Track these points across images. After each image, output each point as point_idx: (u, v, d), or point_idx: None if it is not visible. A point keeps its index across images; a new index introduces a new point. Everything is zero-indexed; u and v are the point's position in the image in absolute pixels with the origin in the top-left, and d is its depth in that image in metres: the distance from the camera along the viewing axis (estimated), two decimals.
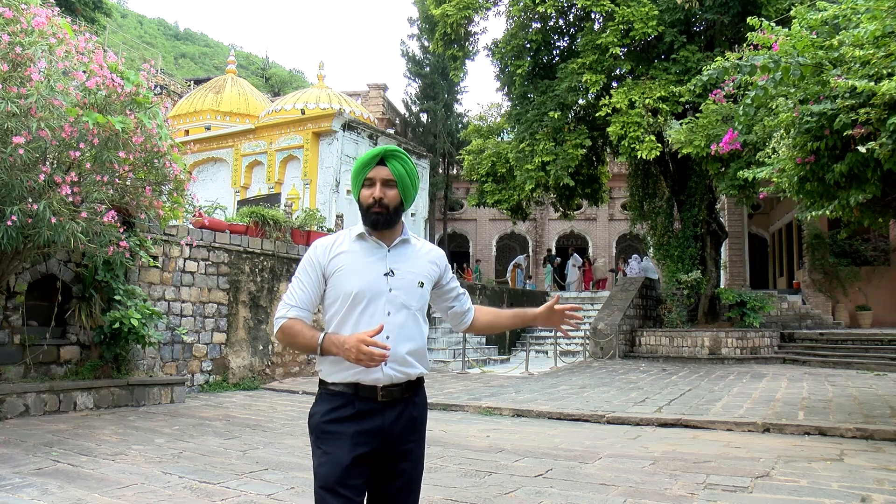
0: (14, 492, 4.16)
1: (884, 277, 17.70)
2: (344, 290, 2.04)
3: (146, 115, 6.78)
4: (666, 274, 16.95)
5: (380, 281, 2.04)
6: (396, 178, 2.09)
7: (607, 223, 30.19)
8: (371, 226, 2.08)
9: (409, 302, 2.07)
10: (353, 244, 2.11)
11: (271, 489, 4.31)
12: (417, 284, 2.10)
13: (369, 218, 2.08)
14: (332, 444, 1.97)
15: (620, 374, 12.17)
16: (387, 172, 2.08)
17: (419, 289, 2.10)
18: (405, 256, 2.13)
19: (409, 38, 33.23)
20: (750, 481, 4.54)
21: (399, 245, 2.13)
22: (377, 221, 2.07)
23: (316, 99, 20.54)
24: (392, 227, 2.11)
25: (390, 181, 2.08)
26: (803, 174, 6.39)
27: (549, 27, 16.87)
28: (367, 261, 2.07)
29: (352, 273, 2.05)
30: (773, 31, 6.22)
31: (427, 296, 2.16)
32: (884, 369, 12.23)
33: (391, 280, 2.06)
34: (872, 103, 5.44)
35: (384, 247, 2.10)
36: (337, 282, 2.06)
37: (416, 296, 2.10)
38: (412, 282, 2.09)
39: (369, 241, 2.10)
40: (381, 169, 2.08)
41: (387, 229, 2.10)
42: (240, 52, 58.35)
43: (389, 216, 2.08)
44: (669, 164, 16.48)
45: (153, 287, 9.32)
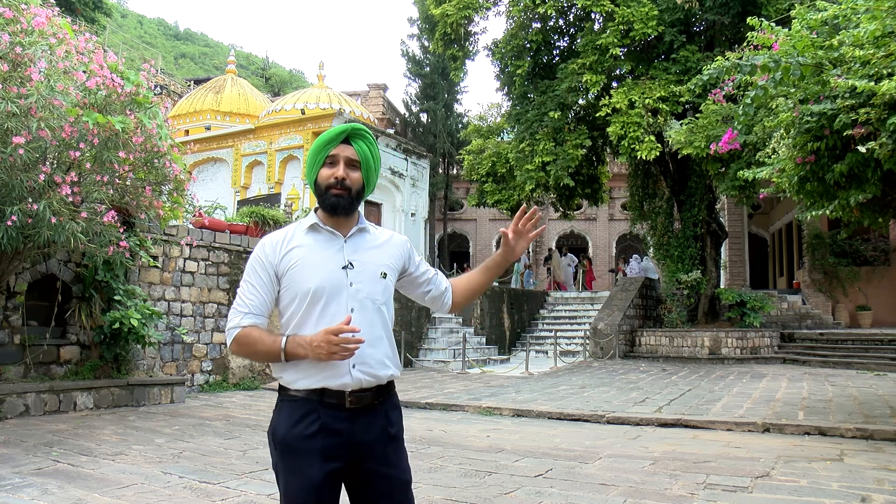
0: (14, 492, 4.16)
1: (884, 277, 17.70)
2: (300, 288, 1.85)
3: (146, 115, 6.78)
4: (666, 274, 16.95)
5: (338, 275, 1.85)
6: (361, 160, 1.91)
7: (607, 223, 30.20)
8: (330, 209, 1.90)
9: (373, 295, 1.88)
10: (305, 237, 1.91)
11: (271, 489, 4.30)
12: (380, 275, 1.91)
13: (328, 200, 1.89)
14: (300, 461, 1.78)
15: (620, 374, 12.17)
16: (352, 152, 1.91)
17: (382, 280, 1.91)
18: (364, 246, 1.94)
19: (409, 38, 33.26)
20: (750, 481, 4.54)
21: (356, 234, 1.94)
22: (337, 205, 1.89)
23: (316, 99, 20.54)
24: (351, 213, 1.92)
25: (354, 161, 1.91)
26: (803, 174, 6.39)
27: (549, 27, 16.87)
28: (322, 254, 1.88)
29: (307, 269, 1.85)
30: (773, 31, 6.22)
31: (391, 287, 1.97)
32: (884, 369, 12.23)
33: (351, 273, 1.87)
34: (872, 103, 5.44)
35: (340, 237, 1.91)
36: (291, 280, 1.86)
37: (380, 288, 1.90)
38: (373, 273, 1.90)
39: (323, 231, 1.91)
40: (346, 147, 1.91)
41: (345, 216, 1.92)
42: (240, 52, 58.35)
43: (351, 200, 1.90)
44: (669, 164, 16.48)
45: (153, 287, 9.32)
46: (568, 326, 18.92)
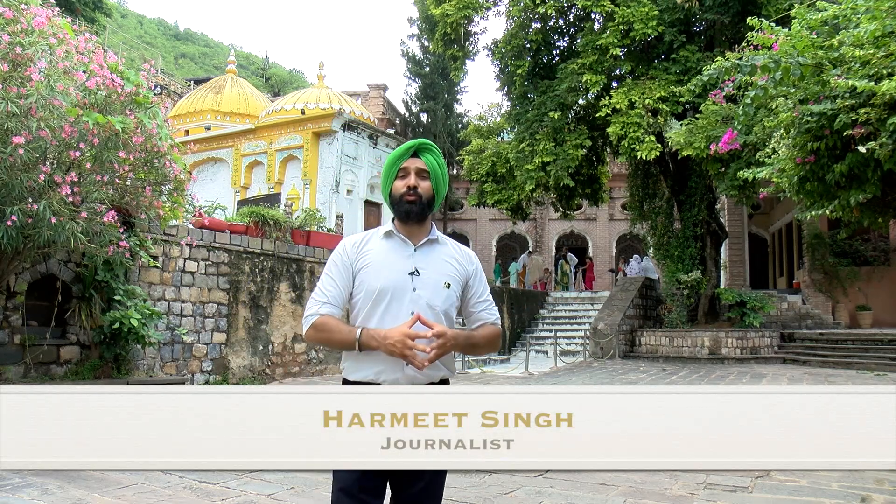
0: (14, 492, 4.16)
1: (884, 277, 17.69)
2: (368, 286, 2.02)
3: (146, 115, 6.78)
4: (666, 274, 16.96)
5: (404, 279, 2.02)
6: (430, 171, 2.08)
7: (607, 223, 30.19)
8: (403, 215, 2.06)
9: (433, 302, 2.02)
10: (380, 242, 2.09)
11: (271, 489, 4.31)
12: (444, 285, 2.05)
13: (402, 207, 2.05)
14: None
15: (620, 374, 12.17)
16: (421, 163, 2.08)
17: (445, 290, 2.05)
18: (432, 256, 2.09)
19: (409, 38, 33.23)
20: (750, 481, 4.54)
21: (426, 245, 2.09)
22: (410, 211, 2.05)
23: (316, 99, 20.55)
24: (423, 220, 2.08)
25: (424, 172, 2.08)
26: (803, 174, 6.39)
27: (549, 27, 16.88)
28: (392, 258, 2.05)
29: (377, 269, 2.03)
30: (773, 31, 6.23)
31: (454, 297, 2.09)
32: (884, 369, 12.23)
33: (416, 279, 2.02)
34: (872, 103, 5.44)
35: (411, 245, 2.07)
36: (363, 278, 2.04)
37: (442, 297, 2.04)
38: (437, 282, 2.05)
39: (396, 238, 2.08)
40: (415, 160, 2.08)
41: (417, 222, 2.07)
42: (240, 52, 58.33)
43: (423, 206, 2.06)
44: (669, 165, 16.48)
45: (153, 287, 9.32)
46: (568, 326, 18.92)
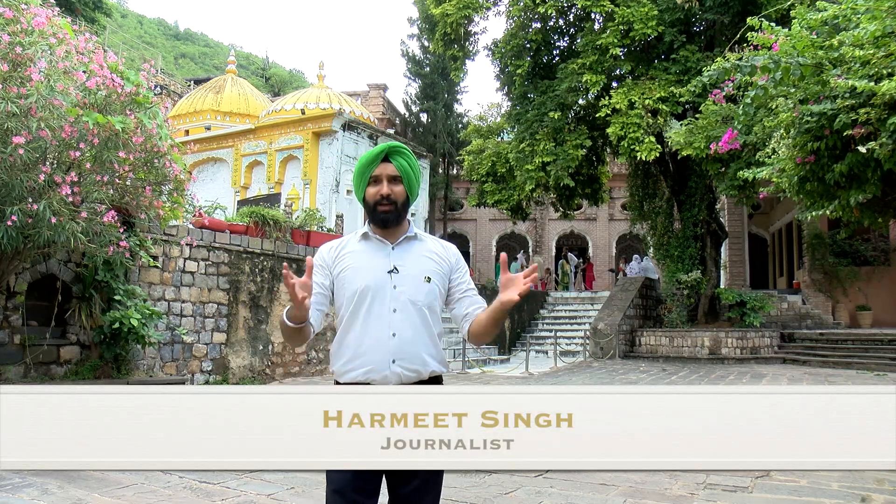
0: (14, 492, 4.16)
1: (884, 277, 17.69)
2: (349, 288, 2.06)
3: (146, 115, 6.78)
4: (666, 274, 16.96)
5: (383, 278, 2.05)
6: (402, 174, 2.10)
7: (607, 223, 30.19)
8: (381, 224, 2.09)
9: (415, 298, 2.05)
10: (357, 244, 2.13)
11: (271, 489, 4.31)
12: (423, 280, 2.07)
13: (378, 216, 2.09)
14: None
15: (620, 374, 12.17)
16: (392, 169, 2.09)
17: (426, 284, 2.07)
18: (410, 253, 2.11)
19: (409, 38, 33.19)
20: (750, 481, 4.54)
21: (403, 242, 2.12)
22: (386, 220, 2.08)
23: (316, 99, 20.54)
24: (400, 223, 2.12)
25: (396, 177, 2.09)
26: (803, 174, 6.39)
27: (549, 27, 16.88)
28: (370, 259, 2.08)
29: (355, 271, 2.07)
30: (773, 31, 6.23)
31: (436, 291, 2.10)
32: (884, 369, 12.23)
33: (395, 277, 2.05)
34: (872, 103, 5.44)
35: (388, 244, 2.10)
36: (343, 282, 2.08)
37: (424, 291, 2.06)
38: (417, 277, 2.07)
39: (373, 240, 2.12)
40: (387, 165, 2.09)
41: (395, 226, 2.11)
42: (240, 52, 58.32)
43: (398, 212, 2.09)
44: (669, 165, 16.48)
45: (153, 287, 9.32)
46: (568, 326, 18.92)
